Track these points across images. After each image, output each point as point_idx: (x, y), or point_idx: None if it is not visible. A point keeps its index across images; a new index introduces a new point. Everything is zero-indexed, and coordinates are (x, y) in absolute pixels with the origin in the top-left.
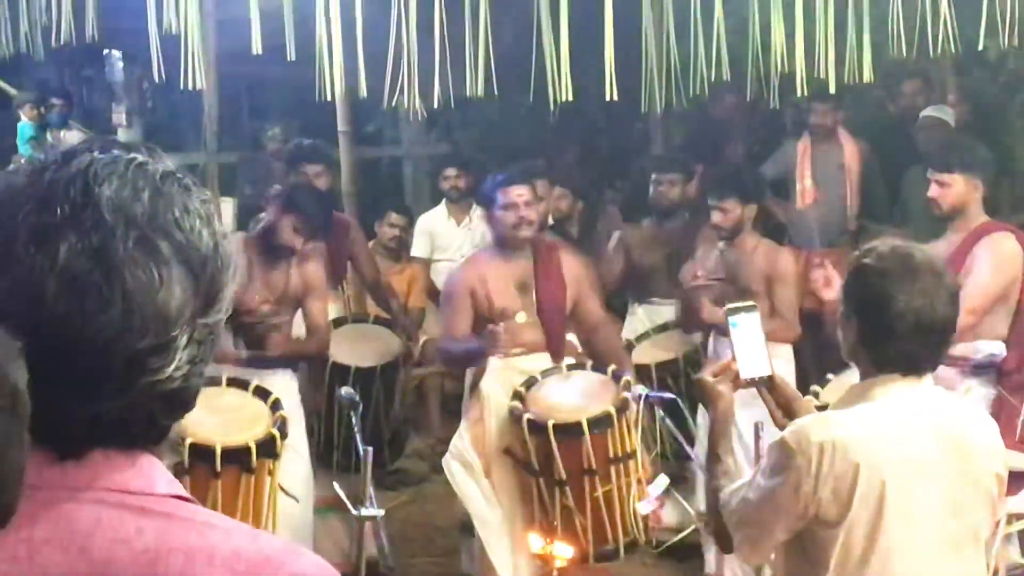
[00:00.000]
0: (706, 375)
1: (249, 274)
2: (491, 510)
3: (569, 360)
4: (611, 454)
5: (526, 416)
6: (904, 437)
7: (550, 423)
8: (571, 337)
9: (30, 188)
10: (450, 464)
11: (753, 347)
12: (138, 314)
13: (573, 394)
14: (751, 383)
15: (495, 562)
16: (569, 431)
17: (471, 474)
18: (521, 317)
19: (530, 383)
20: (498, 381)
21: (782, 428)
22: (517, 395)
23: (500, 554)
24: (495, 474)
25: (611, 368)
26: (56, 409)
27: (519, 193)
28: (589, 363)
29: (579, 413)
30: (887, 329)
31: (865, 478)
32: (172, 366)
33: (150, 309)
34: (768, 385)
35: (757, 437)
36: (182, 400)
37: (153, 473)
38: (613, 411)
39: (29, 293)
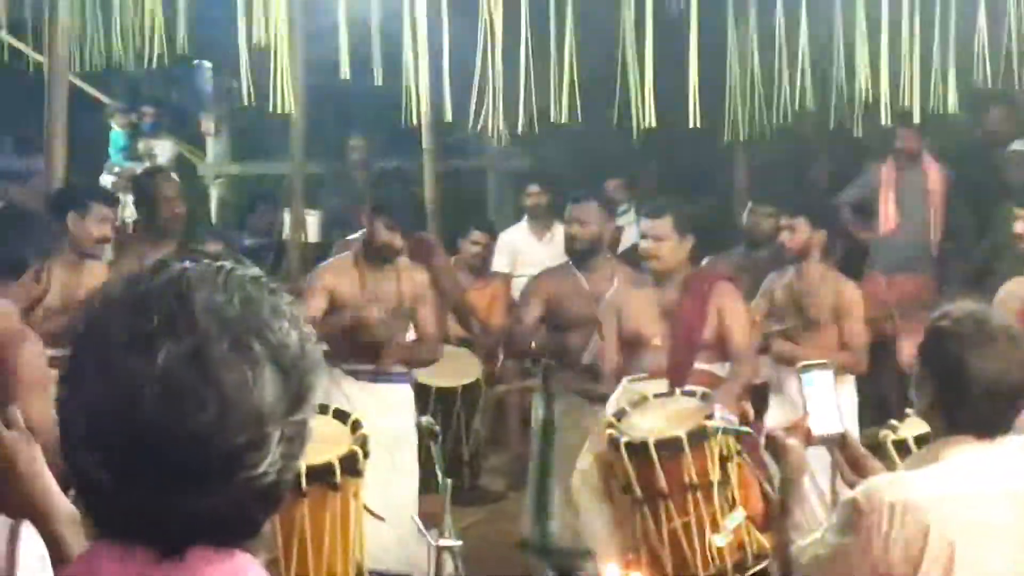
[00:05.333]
0: (778, 430)
1: (362, 288)
2: (611, 533)
3: (692, 388)
4: (687, 480)
5: (608, 432)
6: (975, 500)
7: (622, 440)
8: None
9: (125, 298)
10: (576, 483)
11: (825, 404)
12: (234, 413)
13: (663, 416)
14: (822, 440)
15: None
16: (638, 449)
17: (594, 495)
18: (657, 341)
19: (639, 403)
20: (617, 403)
21: (851, 485)
22: (620, 412)
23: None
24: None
25: (700, 391)
26: (157, 507)
27: (647, 227)
28: (700, 391)
29: (650, 433)
30: (960, 393)
31: (935, 540)
32: (267, 461)
33: (245, 408)
34: (839, 443)
35: (833, 479)
36: (276, 496)
37: (248, 570)
38: (684, 436)
39: (128, 398)
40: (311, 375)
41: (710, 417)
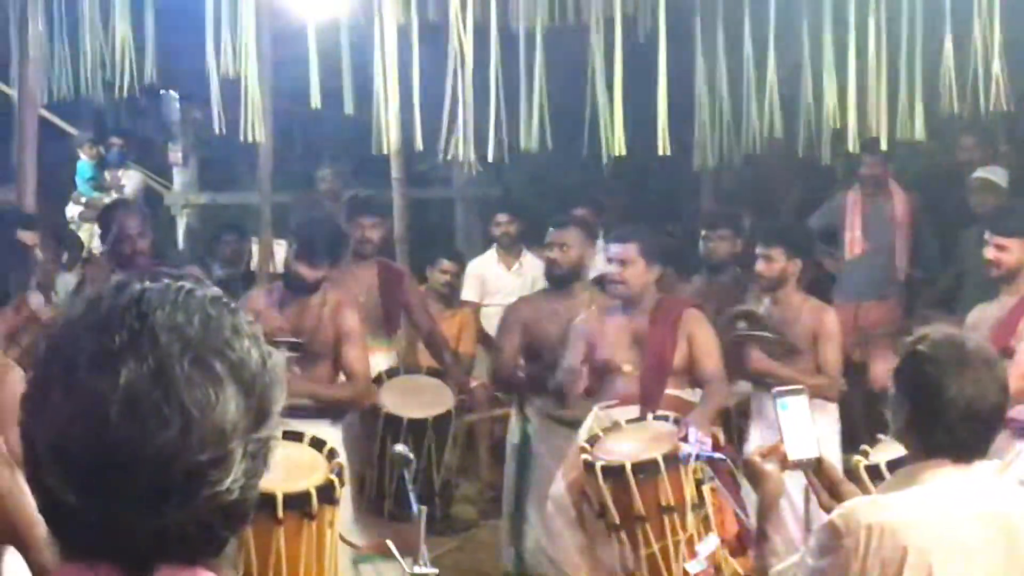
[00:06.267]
0: (754, 455)
1: (278, 318)
2: (584, 559)
3: (663, 413)
4: (663, 502)
5: (583, 457)
6: (952, 522)
7: (598, 464)
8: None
9: (87, 318)
10: (550, 510)
11: (801, 429)
12: (196, 431)
13: (638, 441)
14: (798, 465)
15: None
16: (615, 473)
17: (567, 521)
18: (627, 368)
19: (611, 428)
20: (589, 430)
21: (827, 510)
22: (593, 438)
23: None
24: (588, 520)
25: (672, 416)
26: (122, 525)
27: (614, 252)
28: (672, 416)
29: (627, 457)
30: (937, 416)
31: (912, 562)
32: (230, 478)
33: (208, 425)
34: (815, 467)
35: (807, 500)
36: (240, 512)
37: None
38: (660, 458)
39: (92, 416)
40: (271, 392)
41: (685, 439)
